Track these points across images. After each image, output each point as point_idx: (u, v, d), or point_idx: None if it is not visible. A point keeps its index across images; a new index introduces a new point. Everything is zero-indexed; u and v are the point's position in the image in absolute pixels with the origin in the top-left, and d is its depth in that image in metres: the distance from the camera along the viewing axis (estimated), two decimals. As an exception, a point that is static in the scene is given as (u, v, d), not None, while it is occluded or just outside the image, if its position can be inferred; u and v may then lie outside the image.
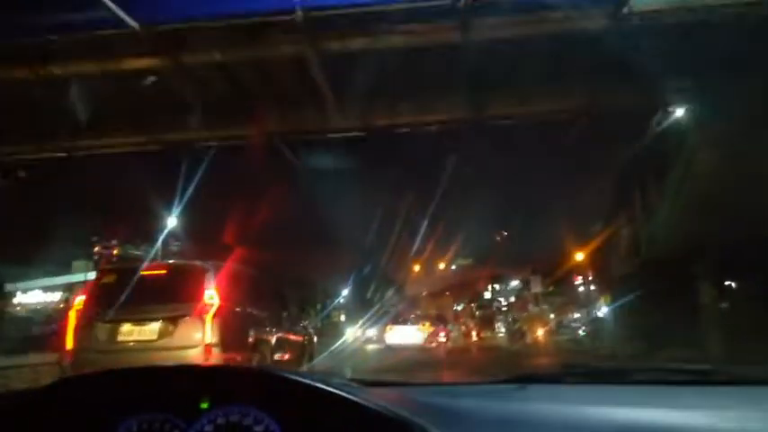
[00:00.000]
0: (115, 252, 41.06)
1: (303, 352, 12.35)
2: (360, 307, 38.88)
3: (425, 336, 26.29)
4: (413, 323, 28.54)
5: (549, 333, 27.03)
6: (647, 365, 3.00)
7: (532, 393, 1.70)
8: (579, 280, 28.11)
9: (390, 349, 23.97)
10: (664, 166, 14.49)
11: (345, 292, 42.66)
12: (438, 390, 1.90)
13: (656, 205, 15.93)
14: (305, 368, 11.04)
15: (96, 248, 40.60)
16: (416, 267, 37.55)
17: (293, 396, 1.30)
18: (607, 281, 22.09)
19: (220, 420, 1.29)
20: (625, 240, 19.13)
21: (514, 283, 42.33)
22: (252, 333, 9.43)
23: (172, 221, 23.10)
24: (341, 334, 30.98)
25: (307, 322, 14.53)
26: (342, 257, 39.93)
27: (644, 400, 1.58)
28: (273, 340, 10.48)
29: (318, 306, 42.03)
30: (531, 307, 32.92)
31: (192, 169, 14.92)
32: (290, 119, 13.76)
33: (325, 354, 14.62)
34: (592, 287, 26.26)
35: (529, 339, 25.16)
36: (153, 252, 23.93)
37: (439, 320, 29.80)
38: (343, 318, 42.74)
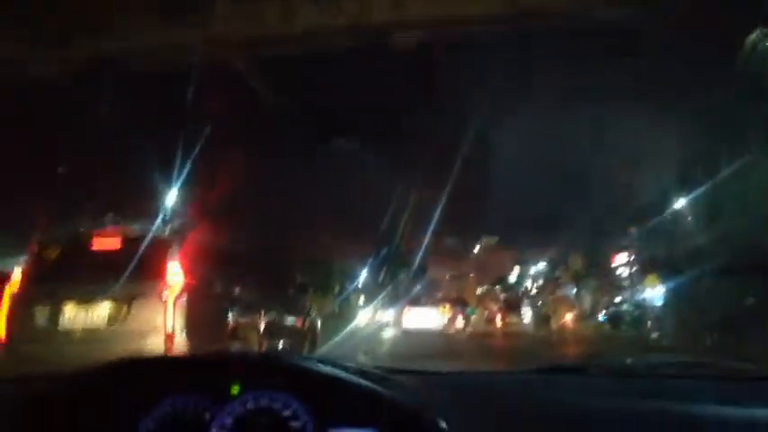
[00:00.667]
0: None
1: (303, 340, 11.09)
2: (379, 289, 37.70)
3: (446, 319, 24.71)
4: (433, 305, 26.59)
5: (579, 318, 25.18)
6: (676, 359, 2.45)
7: (556, 384, 1.72)
8: (619, 259, 26.00)
9: (407, 334, 22.41)
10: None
11: (365, 273, 41.66)
12: (459, 379, 1.94)
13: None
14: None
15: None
16: (438, 246, 35.48)
17: (321, 382, 1.37)
18: (659, 258, 19.71)
19: (250, 405, 1.34)
20: (699, 206, 16.49)
21: (542, 265, 39.80)
22: (232, 317, 8.02)
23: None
24: (355, 318, 29.94)
25: (311, 305, 13.05)
26: (361, 236, 38.91)
27: (671, 394, 1.59)
28: (263, 325, 9.14)
29: (337, 288, 41.93)
30: (559, 290, 30.93)
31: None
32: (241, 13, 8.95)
33: (331, 342, 13.14)
34: (635, 267, 23.75)
35: (554, 325, 22.94)
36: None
37: (458, 303, 28.03)
38: (362, 301, 41.73)
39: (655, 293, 19.00)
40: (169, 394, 1.36)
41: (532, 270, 40.50)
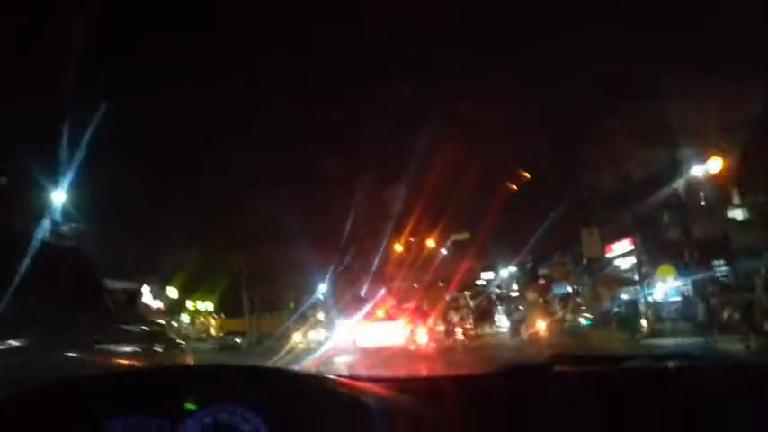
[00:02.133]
0: None
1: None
2: (340, 303, 34.26)
3: (407, 334, 20.91)
4: (390, 318, 23.46)
5: (555, 323, 21.54)
6: (638, 351, 2.70)
7: (519, 382, 1.72)
8: (618, 249, 22.32)
9: (361, 354, 18.71)
10: None
11: (323, 288, 38.40)
12: (420, 383, 1.94)
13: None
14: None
15: None
16: (399, 249, 31.54)
17: (279, 392, 1.35)
18: (677, 245, 15.90)
19: (207, 420, 1.27)
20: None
21: (520, 263, 35.41)
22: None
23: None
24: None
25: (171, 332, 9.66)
26: (321, 248, 35.78)
27: (633, 384, 1.62)
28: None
29: (292, 305, 37.43)
30: (529, 294, 27.14)
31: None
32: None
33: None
34: (641, 257, 19.70)
35: (524, 334, 18.56)
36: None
37: (417, 314, 24.44)
38: (321, 316, 38.45)
39: (669, 286, 15.56)
40: (119, 415, 1.25)
41: (509, 270, 36.27)
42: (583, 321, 18.30)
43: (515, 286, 35.24)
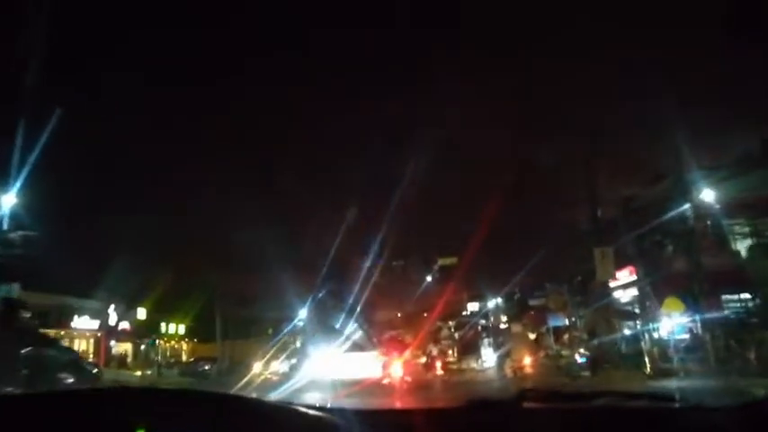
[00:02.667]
0: None
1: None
2: (316, 332, 32.49)
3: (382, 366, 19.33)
4: (368, 349, 21.54)
5: (550, 360, 19.87)
6: (606, 389, 2.14)
7: (486, 417, 1.70)
8: (618, 279, 20.66)
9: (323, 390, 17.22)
10: None
11: (302, 315, 36.72)
12: (389, 416, 1.96)
13: None
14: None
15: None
16: (379, 276, 29.68)
17: (231, 417, 1.33)
18: (683, 276, 14.31)
19: None
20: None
21: (508, 294, 33.46)
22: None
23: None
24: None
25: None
26: (297, 274, 34.13)
27: (602, 423, 1.62)
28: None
29: (270, 331, 35.61)
30: (514, 326, 25.36)
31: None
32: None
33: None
34: (644, 289, 17.32)
35: (508, 370, 16.81)
36: None
37: (393, 346, 22.86)
38: (299, 344, 36.64)
39: (675, 322, 13.98)
40: None
41: (497, 300, 34.35)
42: (579, 358, 16.67)
43: (504, 318, 33.47)
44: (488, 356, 25.20)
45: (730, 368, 10.95)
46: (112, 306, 29.72)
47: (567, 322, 23.06)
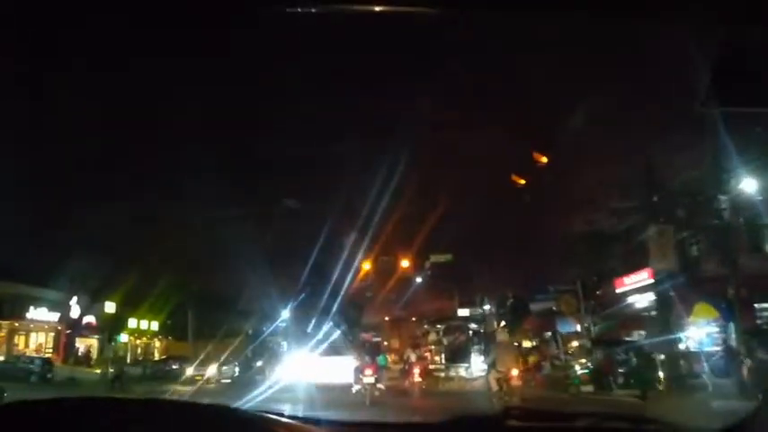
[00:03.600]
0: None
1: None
2: (298, 332, 30.65)
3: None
4: (345, 353, 20.76)
5: (528, 372, 17.60)
6: (589, 410, 2.19)
7: None
8: (632, 282, 17.81)
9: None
10: None
11: (285, 315, 35.00)
12: (365, 428, 1.93)
13: None
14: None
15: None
16: (366, 270, 27.12)
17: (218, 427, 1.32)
18: (715, 279, 12.13)
19: None
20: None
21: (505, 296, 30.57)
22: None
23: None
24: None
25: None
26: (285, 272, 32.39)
27: None
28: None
29: (250, 332, 34.08)
30: (500, 333, 22.99)
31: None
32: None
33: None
34: (666, 293, 14.29)
35: (492, 383, 14.09)
36: None
37: (367, 350, 21.54)
38: (284, 345, 34.84)
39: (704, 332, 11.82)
40: None
41: (488, 306, 31.84)
42: (579, 370, 14.54)
43: (503, 323, 30.82)
44: (478, 364, 23.09)
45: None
46: (75, 298, 27.47)
47: (578, 328, 20.72)
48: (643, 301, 17.19)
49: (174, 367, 27.66)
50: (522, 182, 14.05)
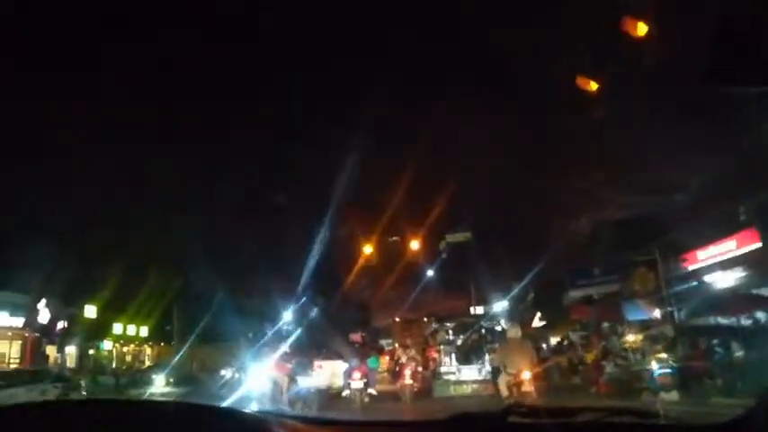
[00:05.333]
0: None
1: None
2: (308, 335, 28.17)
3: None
4: (345, 357, 19.24)
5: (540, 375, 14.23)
6: (593, 405, 1.96)
7: None
8: (715, 253, 13.86)
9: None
10: None
11: (287, 318, 32.25)
12: (364, 427, 1.91)
13: None
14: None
15: None
16: (368, 254, 23.43)
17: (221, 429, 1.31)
18: None
19: None
20: None
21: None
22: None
23: None
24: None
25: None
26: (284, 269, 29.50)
27: None
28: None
29: (251, 335, 31.30)
30: (511, 330, 19.38)
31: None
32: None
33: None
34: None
35: (502, 387, 10.73)
36: None
37: (354, 352, 19.87)
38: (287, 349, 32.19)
39: None
40: None
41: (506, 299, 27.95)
42: (657, 369, 10.79)
43: (539, 315, 26.95)
44: (485, 367, 19.90)
45: None
46: (43, 301, 24.69)
47: (655, 313, 16.71)
48: (727, 279, 13.67)
49: (153, 376, 24.83)
50: (594, 87, 9.85)
